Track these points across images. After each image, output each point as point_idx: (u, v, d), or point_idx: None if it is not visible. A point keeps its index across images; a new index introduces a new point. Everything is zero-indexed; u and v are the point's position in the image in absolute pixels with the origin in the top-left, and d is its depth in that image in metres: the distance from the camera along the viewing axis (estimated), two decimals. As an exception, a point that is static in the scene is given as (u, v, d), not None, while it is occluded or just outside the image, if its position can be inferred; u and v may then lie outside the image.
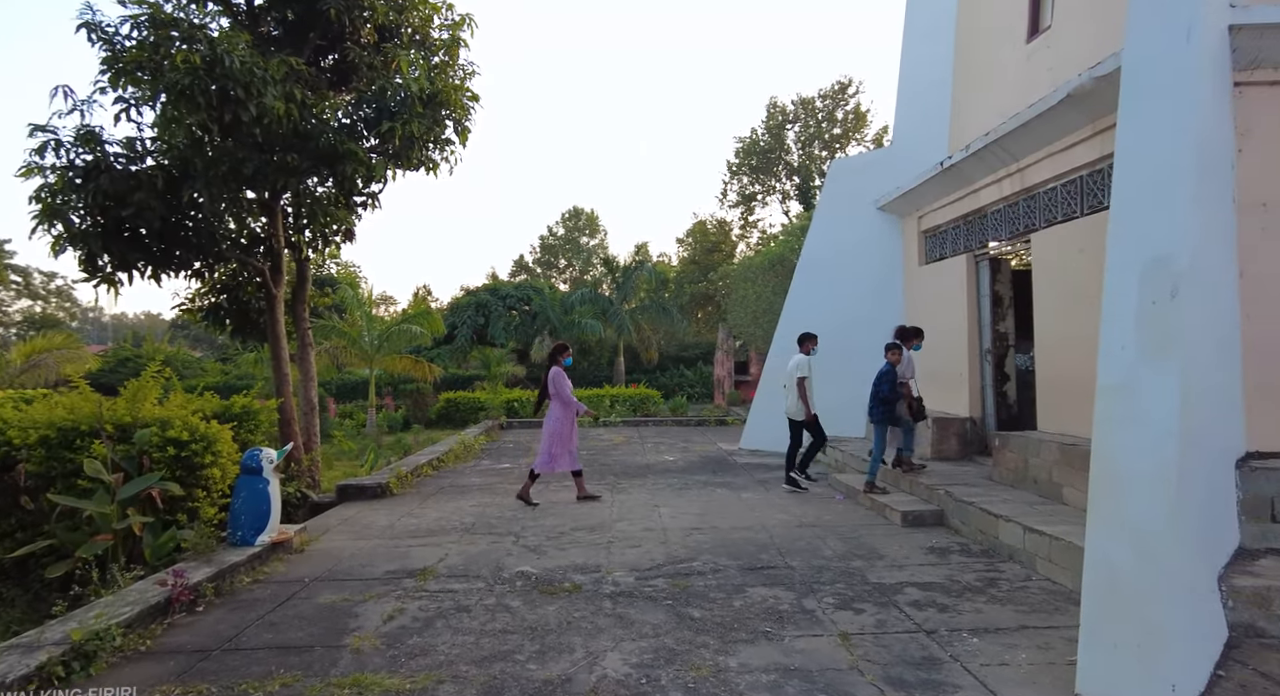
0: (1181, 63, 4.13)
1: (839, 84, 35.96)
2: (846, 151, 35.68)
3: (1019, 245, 8.36)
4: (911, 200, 10.26)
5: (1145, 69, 4.15)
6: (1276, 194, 5.27)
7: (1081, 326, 6.68)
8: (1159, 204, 3.83)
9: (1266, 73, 5.27)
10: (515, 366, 27.82)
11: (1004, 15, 9.12)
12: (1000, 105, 8.79)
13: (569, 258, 49.11)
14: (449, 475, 10.36)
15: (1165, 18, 4.19)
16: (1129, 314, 3.70)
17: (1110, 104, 6.14)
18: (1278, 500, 4.86)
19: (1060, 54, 7.85)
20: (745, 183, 37.54)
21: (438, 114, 8.77)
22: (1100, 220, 6.50)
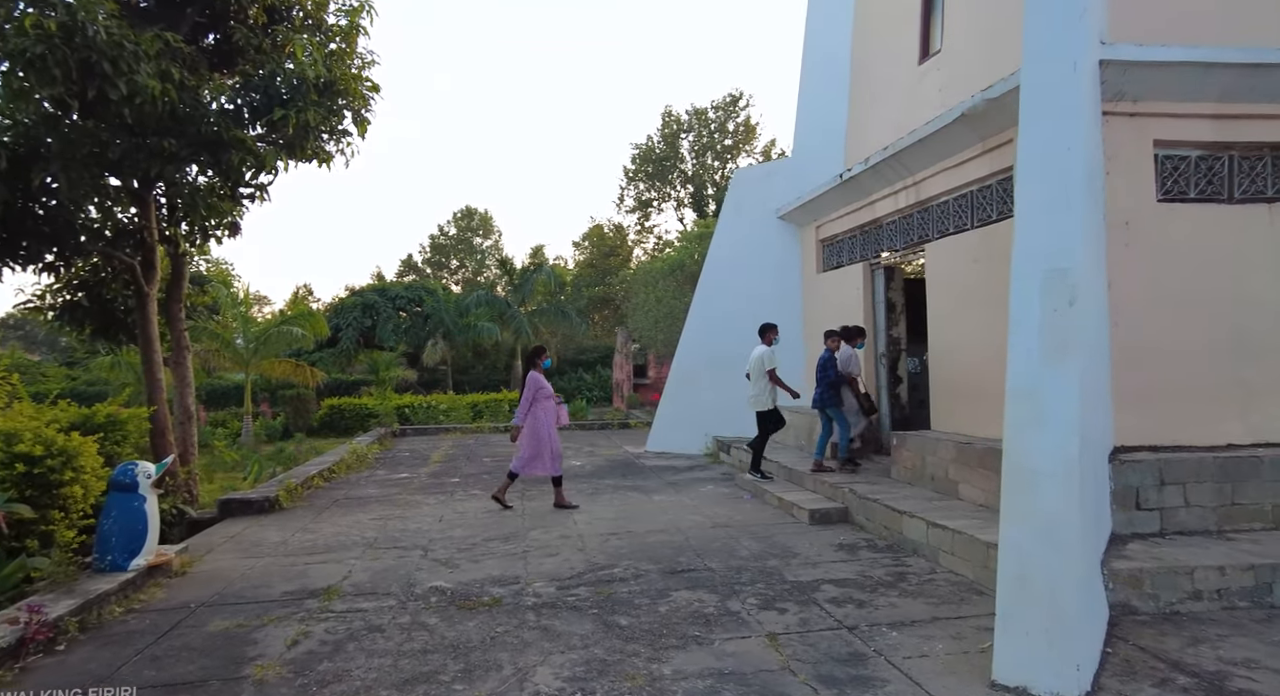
0: (1071, 91, 4.48)
1: (730, 97, 37.07)
2: (737, 163, 36.81)
3: (913, 254, 8.85)
4: (811, 210, 10.68)
5: (1040, 95, 4.47)
6: (1136, 213, 5.84)
7: (973, 332, 7.15)
8: (1057, 219, 4.13)
9: (1126, 105, 5.84)
10: (406, 370, 26.74)
11: (897, 38, 9.66)
12: (894, 121, 9.29)
13: (461, 258, 47.81)
14: (342, 486, 9.76)
15: (1057, 50, 4.53)
16: (1034, 321, 3.96)
17: (999, 124, 6.62)
18: (1141, 490, 5.38)
19: (949, 75, 8.39)
20: (642, 189, 37.95)
21: (334, 103, 8.28)
22: (990, 232, 6.99)
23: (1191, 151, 6.02)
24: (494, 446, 14.06)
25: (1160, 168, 5.94)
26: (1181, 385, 5.77)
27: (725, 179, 36.71)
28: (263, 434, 19.06)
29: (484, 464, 11.68)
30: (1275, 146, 6.07)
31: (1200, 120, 5.94)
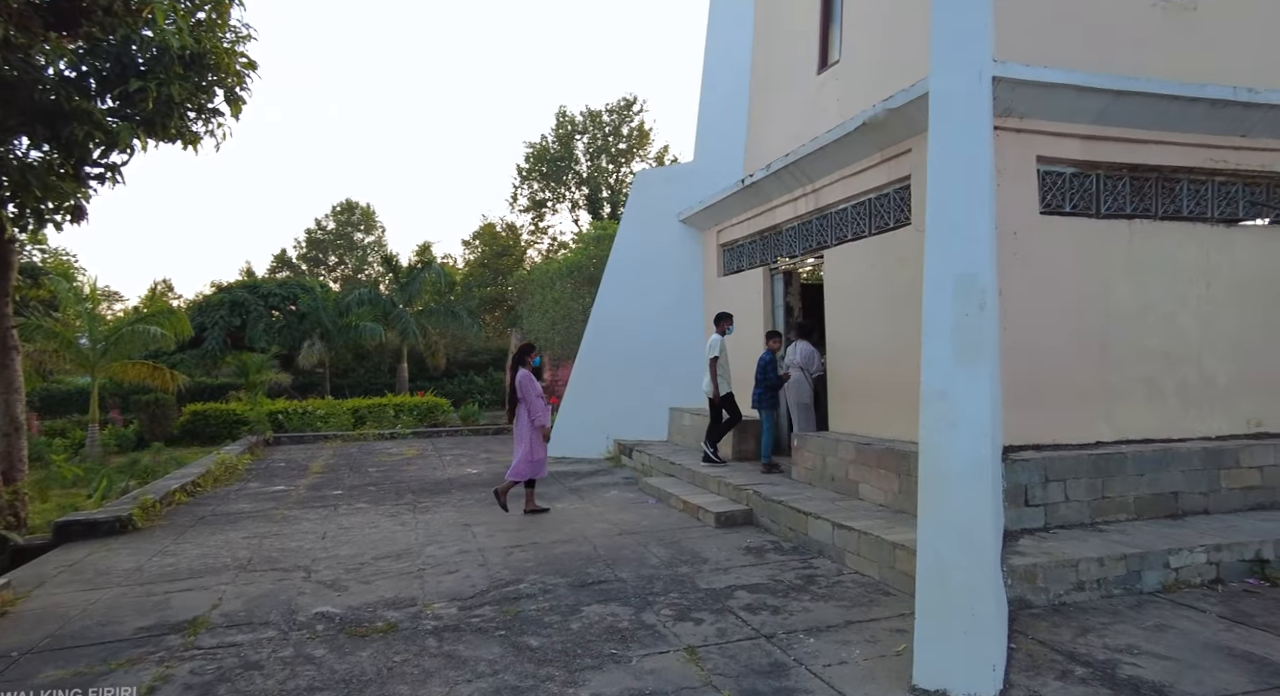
0: (976, 102, 4.64)
1: (624, 101, 37.19)
2: (632, 167, 36.99)
3: (812, 260, 9.05)
4: (712, 214, 10.74)
5: (949, 104, 4.59)
6: (1023, 224, 6.18)
7: (870, 336, 7.36)
8: (966, 226, 4.24)
9: (1014, 121, 6.17)
10: (279, 373, 24.95)
11: (797, 48, 9.87)
12: (793, 130, 9.48)
13: (341, 254, 45.29)
14: (210, 501, 8.84)
15: (964, 61, 4.67)
16: (946, 325, 4.03)
17: (897, 135, 6.83)
18: (1029, 487, 5.67)
19: (847, 86, 8.63)
20: (536, 188, 37.35)
21: (204, 78, 7.48)
22: (888, 239, 7.21)
23: (1067, 169, 6.44)
24: (378, 455, 13.25)
25: (1042, 182, 6.32)
26: (1060, 386, 6.15)
27: (620, 182, 36.78)
28: (113, 444, 17.13)
29: (369, 474, 10.94)
30: (1132, 168, 6.61)
31: (1074, 140, 6.37)
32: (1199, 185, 6.82)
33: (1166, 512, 5.99)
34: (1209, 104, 6.38)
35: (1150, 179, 6.67)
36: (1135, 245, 6.49)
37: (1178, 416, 6.47)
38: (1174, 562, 5.05)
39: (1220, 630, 4.28)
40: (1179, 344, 6.51)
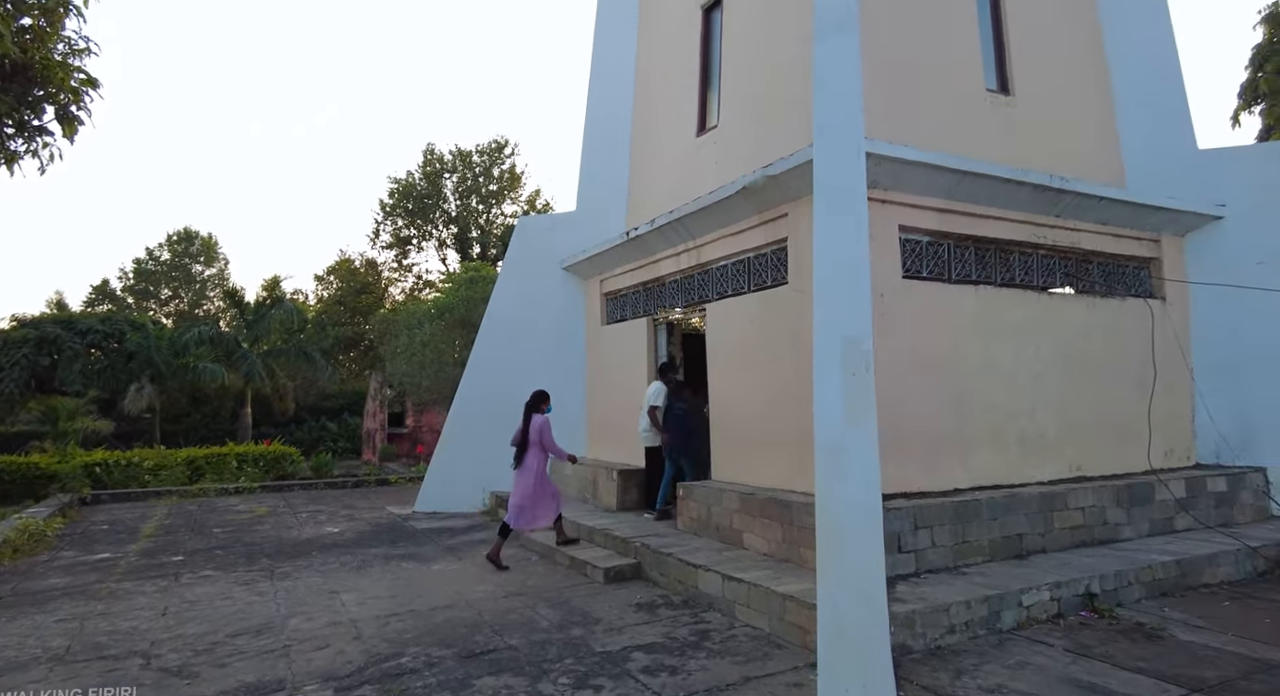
0: (855, 173, 5.04)
1: (495, 143, 37.08)
2: (502, 208, 36.80)
3: (694, 313, 9.33)
4: (596, 264, 10.85)
5: (833, 175, 4.96)
6: (888, 287, 6.73)
7: (751, 388, 7.65)
8: (850, 291, 4.55)
9: (879, 192, 6.76)
10: (98, 420, 22.06)
11: (677, 110, 10.32)
12: (674, 186, 9.84)
13: (175, 287, 41.28)
14: (8, 578, 7.56)
15: (844, 136, 5.08)
16: (836, 385, 4.27)
17: (774, 199, 7.27)
18: (902, 534, 6.04)
19: (725, 149, 9.10)
20: (401, 225, 36.13)
21: (29, 91, 6.67)
22: (765, 297, 7.58)
23: (924, 237, 7.12)
24: (223, 513, 11.97)
25: (903, 249, 6.93)
26: (924, 438, 6.67)
27: (491, 222, 36.38)
28: None
29: (214, 536, 9.83)
30: (975, 239, 7.42)
31: (930, 212, 7.07)
32: (1027, 257, 7.76)
33: (1014, 553, 6.59)
34: (1031, 187, 7.33)
35: (990, 249, 7.52)
36: (981, 309, 7.24)
37: (1019, 464, 7.21)
38: (1026, 601, 5.54)
39: (1068, 663, 4.72)
40: (1017, 399, 7.29)
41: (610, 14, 12.21)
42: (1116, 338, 8.07)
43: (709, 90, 9.83)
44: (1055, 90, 8.68)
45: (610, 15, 12.20)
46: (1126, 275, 8.49)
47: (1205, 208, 8.46)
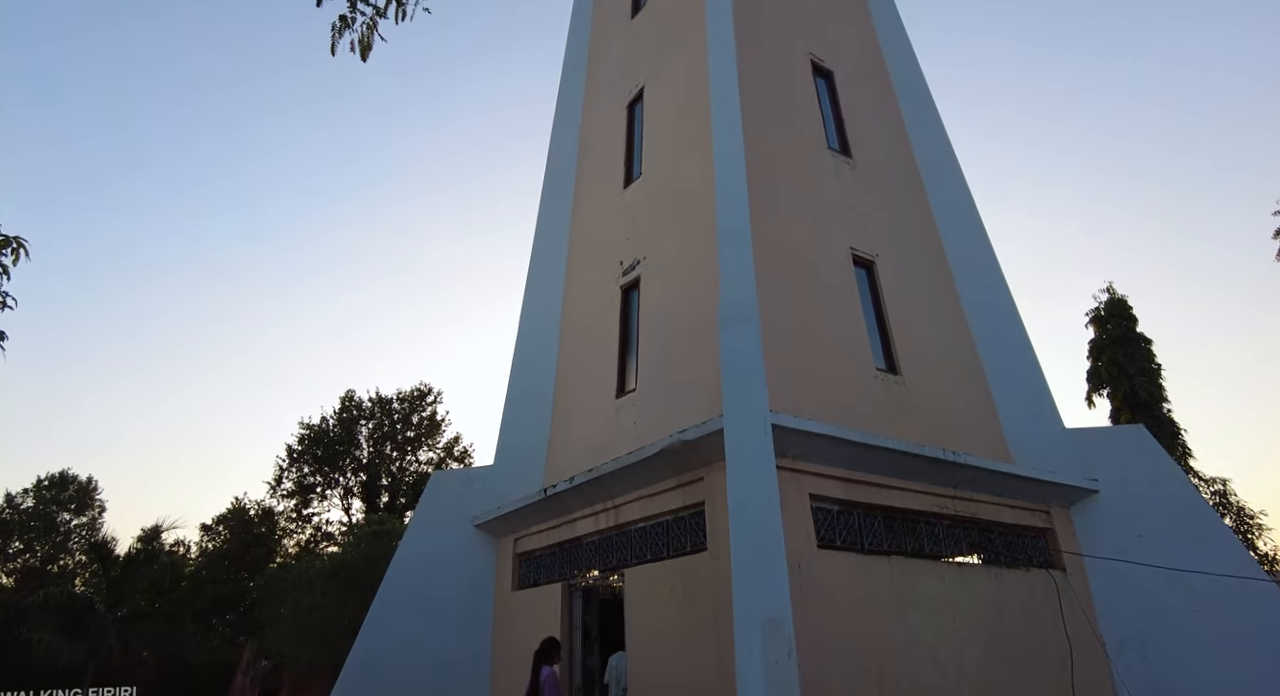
0: (763, 449, 5.32)
1: (418, 391, 37.46)
2: (418, 456, 36.15)
3: (612, 578, 8.95)
4: (510, 522, 10.52)
5: (742, 451, 5.21)
6: (804, 557, 6.73)
7: (670, 663, 7.12)
8: (767, 568, 4.54)
9: (789, 462, 7.07)
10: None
11: (598, 372, 10.92)
12: (593, 445, 10.03)
13: (31, 539, 36.73)
14: None
15: (749, 413, 5.45)
16: (758, 673, 4.07)
17: (691, 463, 7.47)
18: None
19: (643, 412, 9.51)
20: (306, 472, 34.57)
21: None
22: (684, 565, 7.41)
23: (834, 506, 7.35)
24: None
25: (816, 518, 7.09)
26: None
27: (403, 470, 35.35)
28: None
29: None
30: (884, 508, 7.72)
31: (837, 481, 7.39)
32: (934, 526, 8.05)
33: None
34: (927, 460, 7.86)
35: (898, 518, 7.79)
36: (896, 580, 7.27)
37: (956, 752, 6.72)
38: None
39: None
40: (942, 677, 7.04)
41: (539, 281, 13.29)
42: (1029, 611, 8.15)
43: (628, 356, 10.54)
44: (937, 371, 9.77)
45: (539, 282, 13.28)
46: (1027, 545, 8.86)
47: (1081, 482, 9.20)
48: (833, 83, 11.57)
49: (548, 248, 12.87)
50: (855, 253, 9.95)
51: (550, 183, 13.33)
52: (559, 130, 13.71)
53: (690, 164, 9.90)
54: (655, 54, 11.95)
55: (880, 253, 10.27)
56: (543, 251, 12.91)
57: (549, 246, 12.85)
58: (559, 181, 13.19)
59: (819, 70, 11.51)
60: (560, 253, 12.68)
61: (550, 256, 12.76)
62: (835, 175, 10.53)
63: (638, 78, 12.11)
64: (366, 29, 4.52)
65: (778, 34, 11.41)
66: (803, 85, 11.09)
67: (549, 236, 12.92)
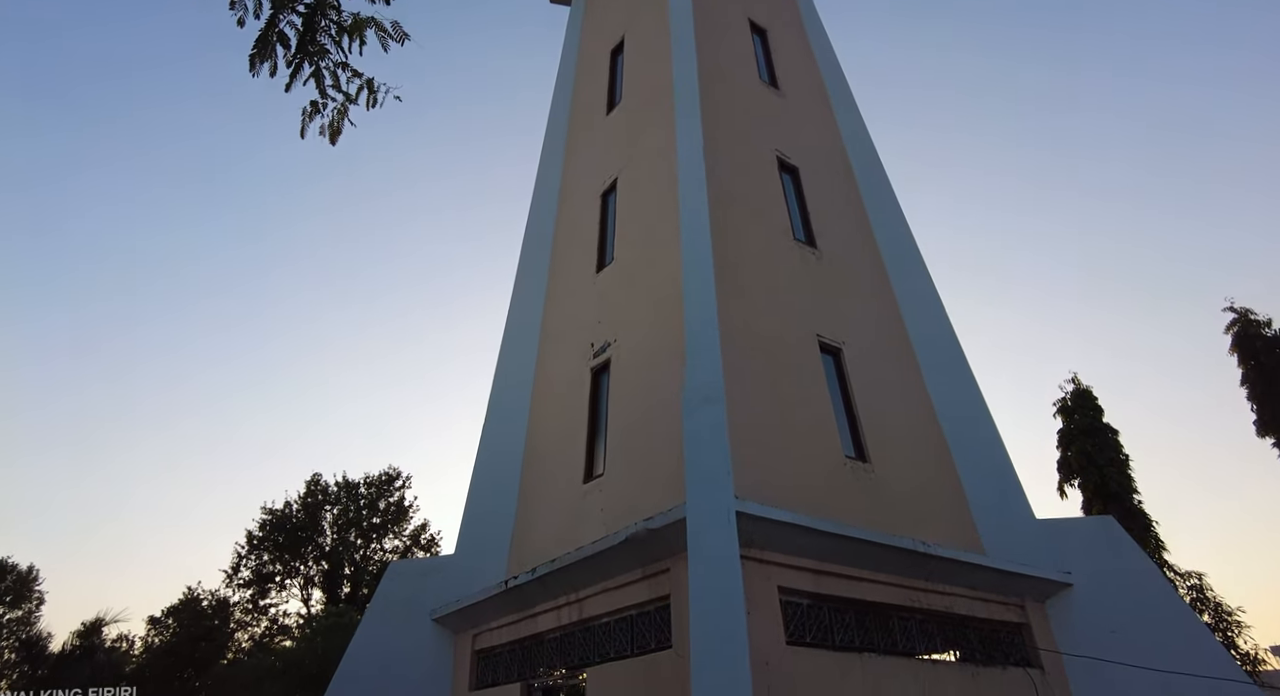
0: (726, 538, 5.16)
1: (387, 474, 36.48)
2: (382, 543, 34.84)
3: (574, 677, 8.47)
4: (469, 616, 10.02)
5: (704, 537, 5.05)
6: (773, 654, 6.43)
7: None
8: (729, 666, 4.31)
9: (756, 551, 6.87)
10: None
11: (565, 455, 10.72)
12: (559, 534, 9.72)
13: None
14: None
15: (713, 499, 5.32)
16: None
17: (657, 553, 7.22)
18: None
19: (610, 498, 9.28)
20: (266, 559, 33.02)
21: None
22: (649, 664, 7.04)
23: (804, 600, 7.10)
24: None
25: (785, 612, 6.82)
26: None
27: (367, 559, 33.92)
28: None
29: None
30: (854, 603, 7.47)
31: (806, 573, 7.17)
32: (907, 621, 7.79)
33: None
34: (898, 551, 7.69)
35: (870, 613, 7.53)
36: (870, 680, 6.94)
37: None
38: None
39: None
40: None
41: (510, 363, 13.22)
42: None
43: (596, 440, 10.38)
44: (906, 459, 9.71)
45: (510, 364, 13.21)
46: (1003, 641, 8.57)
47: (1054, 575, 9.02)
48: (798, 178, 12.06)
49: (520, 330, 12.91)
50: (822, 339, 10.08)
51: (525, 267, 13.53)
52: (535, 217, 14.05)
53: (660, 251, 10.12)
54: (629, 148, 12.43)
55: (847, 340, 10.41)
56: (515, 334, 12.95)
57: (521, 329, 12.90)
58: (533, 266, 13.40)
59: (784, 166, 12.02)
60: (532, 335, 12.72)
61: (522, 339, 12.78)
62: (801, 264, 10.81)
63: (611, 170, 12.54)
64: (337, 114, 4.65)
65: (744, 132, 11.97)
66: (769, 179, 11.54)
67: (522, 319, 12.99)
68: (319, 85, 4.51)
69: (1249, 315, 20.06)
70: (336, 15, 4.30)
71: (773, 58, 14.07)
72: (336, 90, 4.69)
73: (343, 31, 4.40)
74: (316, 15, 4.24)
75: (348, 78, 4.65)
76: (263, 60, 4.35)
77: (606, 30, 15.63)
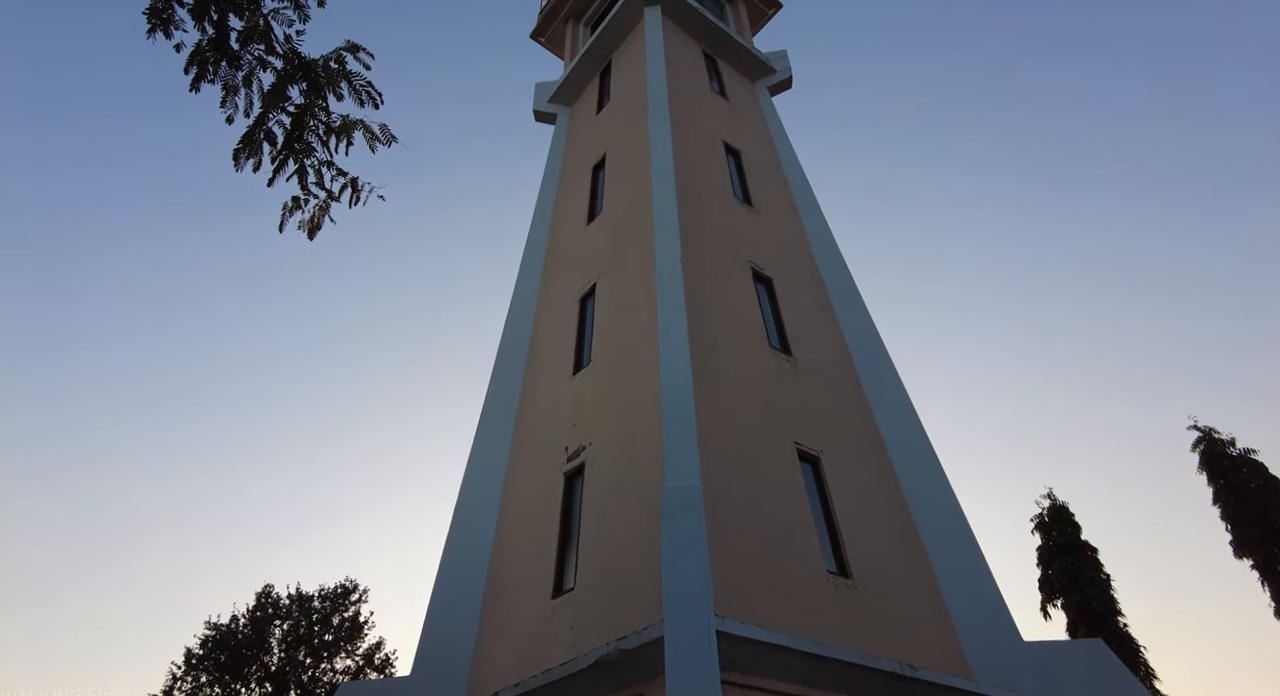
0: (706, 661, 4.80)
1: (343, 587, 34.51)
2: (333, 663, 32.41)
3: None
4: (421, 747, 9.13)
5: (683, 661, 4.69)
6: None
7: None
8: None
9: (737, 675, 6.41)
10: None
11: (532, 569, 10.18)
12: (524, 654, 9.06)
13: None
14: None
15: (692, 618, 4.99)
16: None
17: (629, 677, 6.70)
18: None
19: (581, 615, 8.73)
20: (204, 681, 30.40)
21: None
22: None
23: (787, 730, 6.57)
24: None
25: (767, 746, 6.29)
26: None
27: (315, 680, 31.41)
28: None
29: None
30: (843, 731, 6.94)
31: (790, 699, 6.68)
32: (895, 755, 7.21)
33: None
34: (885, 675, 7.24)
35: (857, 746, 6.97)
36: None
37: None
38: None
39: None
40: None
41: (480, 466, 12.80)
42: None
43: (567, 550, 9.92)
44: (889, 576, 9.36)
45: (480, 467, 12.78)
46: (999, 777, 7.97)
47: (1050, 701, 8.55)
48: (772, 288, 12.36)
49: (491, 434, 12.63)
50: (800, 447, 9.95)
51: (500, 369, 13.43)
52: (512, 320, 14.11)
53: (638, 355, 10.13)
54: (609, 255, 12.73)
55: (825, 450, 10.29)
56: (486, 438, 12.65)
57: (493, 433, 12.62)
58: (508, 368, 13.31)
59: (759, 277, 12.34)
60: (504, 439, 12.43)
61: (493, 443, 12.48)
62: (778, 371, 10.86)
63: (591, 275, 12.77)
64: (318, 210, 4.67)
65: (720, 244, 12.36)
66: (744, 289, 11.81)
67: (494, 423, 12.74)
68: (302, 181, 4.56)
69: (1213, 434, 20.42)
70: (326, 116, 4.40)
71: (746, 176, 14.80)
72: (320, 187, 4.74)
73: (330, 132, 4.49)
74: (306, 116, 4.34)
75: (332, 176, 4.71)
76: (248, 156, 4.39)
77: (589, 147, 16.41)
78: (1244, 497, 18.81)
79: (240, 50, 3.98)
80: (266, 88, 4.11)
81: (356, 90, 4.32)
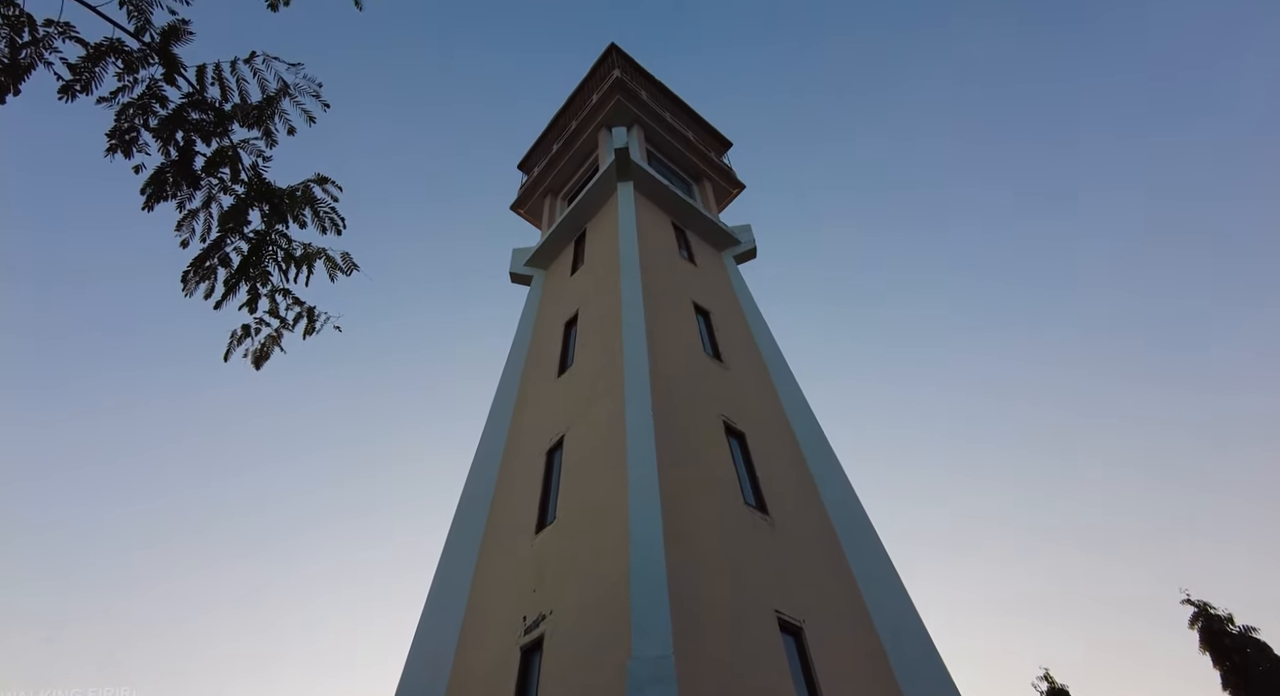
0: None
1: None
2: None
3: None
4: None
5: None
6: None
7: None
8: None
9: None
10: None
11: None
12: None
13: None
14: None
15: None
16: None
17: None
18: None
19: None
20: None
21: None
22: None
23: None
24: None
25: None
26: None
27: None
28: None
29: None
30: None
31: None
32: None
33: None
34: None
35: None
36: None
37: None
38: None
39: None
40: None
41: (426, 643, 11.38)
42: None
43: None
44: None
45: (427, 643, 11.37)
46: None
47: None
48: (745, 443, 12.04)
49: (443, 602, 11.51)
50: (781, 616, 9.13)
51: (459, 525, 12.57)
52: (476, 472, 13.45)
53: (605, 510, 9.54)
54: (578, 408, 12.45)
55: (807, 618, 9.46)
56: (437, 604, 11.52)
57: (444, 601, 11.51)
58: (469, 524, 12.46)
59: (731, 430, 12.07)
60: (457, 609, 11.31)
61: (445, 609, 11.35)
62: (754, 530, 10.26)
63: (559, 427, 12.40)
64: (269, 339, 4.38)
65: (692, 398, 12.19)
66: (717, 443, 11.47)
67: (446, 589, 11.67)
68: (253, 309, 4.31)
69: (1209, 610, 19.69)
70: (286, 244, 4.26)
71: (715, 334, 15.02)
72: (273, 315, 4.49)
73: (290, 260, 4.34)
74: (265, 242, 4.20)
75: (287, 304, 4.49)
76: (200, 280, 4.17)
77: (562, 305, 16.73)
78: (1253, 681, 17.70)
79: (203, 174, 3.91)
80: (225, 207, 3.99)
81: (320, 217, 4.21)
